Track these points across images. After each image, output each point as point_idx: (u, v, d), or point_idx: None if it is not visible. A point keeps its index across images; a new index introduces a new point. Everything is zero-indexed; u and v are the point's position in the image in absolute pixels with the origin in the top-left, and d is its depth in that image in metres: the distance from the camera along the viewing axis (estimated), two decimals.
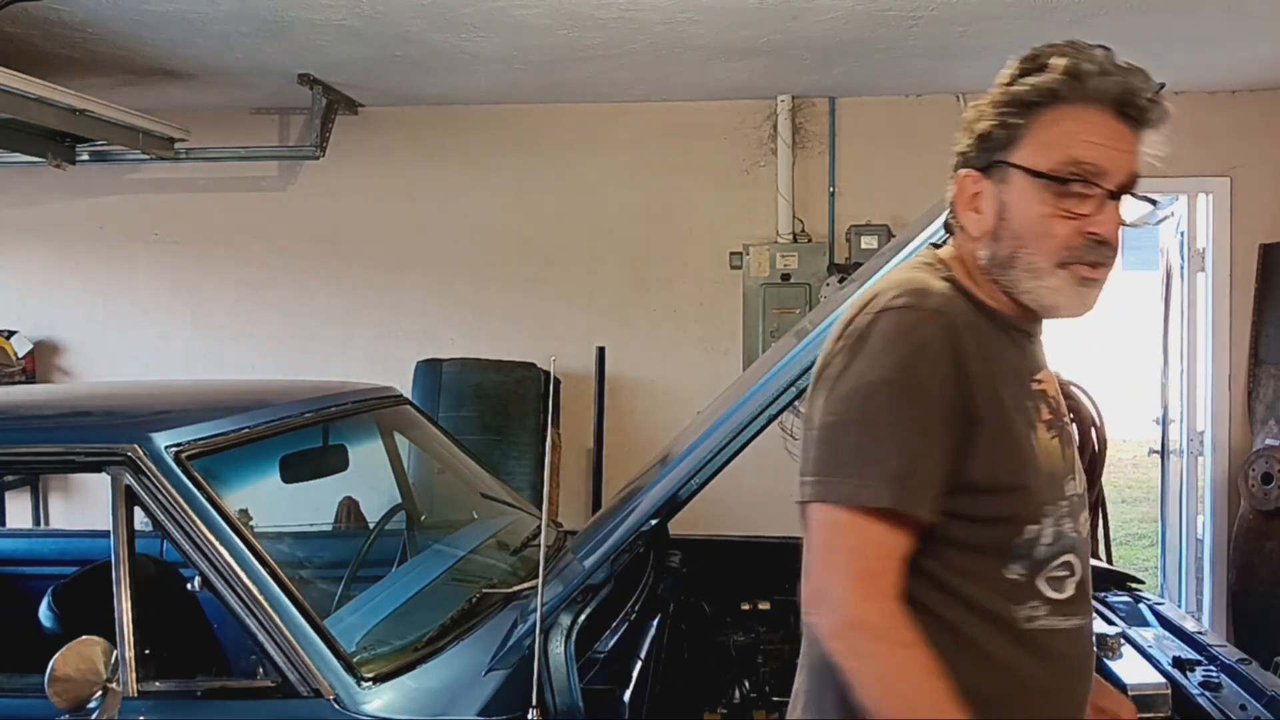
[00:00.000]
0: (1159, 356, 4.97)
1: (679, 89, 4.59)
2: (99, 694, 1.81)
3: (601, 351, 4.43)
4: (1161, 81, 1.93)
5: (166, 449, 2.00)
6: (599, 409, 4.36)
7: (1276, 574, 4.38)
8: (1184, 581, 4.83)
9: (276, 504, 2.59)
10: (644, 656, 2.18)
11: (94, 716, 1.82)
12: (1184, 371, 4.82)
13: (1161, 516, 5.02)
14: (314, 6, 3.38)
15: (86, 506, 4.96)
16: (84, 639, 1.83)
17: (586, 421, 4.54)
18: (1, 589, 3.09)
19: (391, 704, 1.85)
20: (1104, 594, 2.49)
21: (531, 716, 1.79)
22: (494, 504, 2.98)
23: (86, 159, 4.49)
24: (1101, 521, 4.06)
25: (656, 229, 4.86)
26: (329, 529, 3.29)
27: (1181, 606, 4.63)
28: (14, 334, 4.93)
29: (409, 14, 3.46)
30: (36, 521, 4.95)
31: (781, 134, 4.72)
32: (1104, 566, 2.96)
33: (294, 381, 3.04)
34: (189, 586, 1.93)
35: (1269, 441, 4.46)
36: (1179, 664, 2.01)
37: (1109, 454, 4.04)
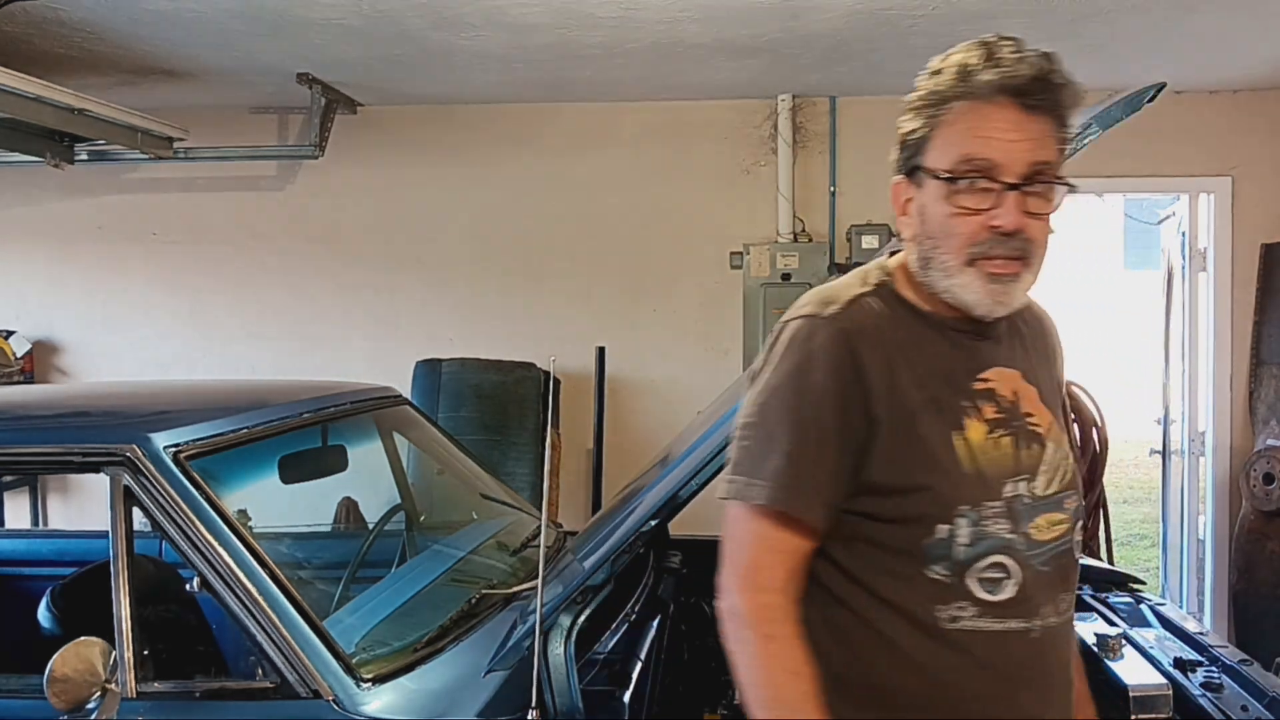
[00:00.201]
0: (1160, 356, 4.97)
1: (679, 89, 4.58)
2: (98, 695, 1.81)
3: (601, 351, 4.43)
4: (1162, 82, 1.93)
5: (165, 449, 1.99)
6: (599, 409, 4.36)
7: (1278, 574, 4.37)
8: (1185, 582, 4.83)
9: (276, 504, 2.59)
10: (644, 657, 2.18)
11: (93, 717, 1.82)
12: (1185, 371, 4.82)
13: (1163, 517, 5.02)
14: (313, 6, 3.38)
15: (85, 507, 4.96)
16: (82, 639, 1.83)
17: (586, 421, 4.53)
18: (1, 589, 3.09)
19: (391, 705, 1.84)
20: (1105, 594, 2.49)
21: (531, 717, 1.78)
22: (493, 504, 2.98)
23: (85, 158, 4.48)
24: (1103, 522, 4.05)
25: (656, 229, 4.86)
26: (328, 529, 3.28)
27: (1183, 607, 4.63)
28: (12, 334, 4.93)
29: (409, 13, 3.45)
30: (35, 522, 4.95)
31: (782, 134, 4.71)
32: (1105, 567, 2.96)
33: (293, 381, 3.03)
34: (188, 587, 1.92)
35: (1270, 442, 4.46)
36: (1180, 665, 2.00)
37: (1110, 454, 4.04)
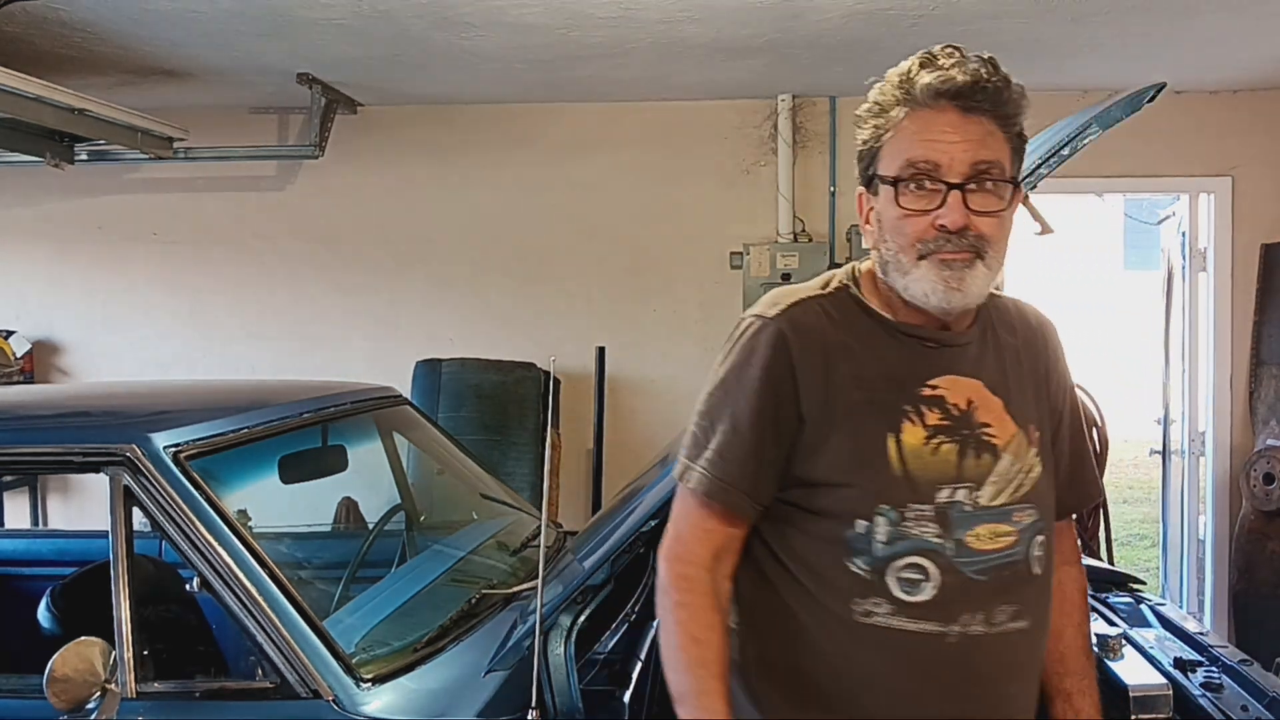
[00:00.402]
0: (1160, 356, 4.96)
1: (679, 89, 4.58)
2: (97, 695, 1.81)
3: (601, 351, 4.43)
4: (1162, 82, 1.93)
5: (165, 449, 2.00)
6: (599, 409, 4.36)
7: (1278, 574, 4.37)
8: (1185, 582, 4.83)
9: (275, 504, 2.59)
10: (644, 657, 2.17)
11: (93, 717, 1.82)
12: (1185, 371, 4.82)
13: (1163, 517, 5.02)
14: (314, 6, 3.38)
15: (85, 507, 4.96)
16: (82, 639, 1.83)
17: (586, 421, 4.54)
18: (1, 589, 3.09)
19: (391, 705, 1.84)
20: (1105, 594, 2.49)
21: (531, 717, 1.78)
22: (493, 504, 2.98)
23: (85, 159, 4.48)
24: (1103, 522, 4.06)
25: (656, 229, 4.86)
26: (328, 529, 3.28)
27: (1183, 607, 4.63)
28: (12, 334, 4.93)
29: (409, 13, 3.45)
30: (35, 521, 4.95)
31: (782, 134, 4.71)
32: (1105, 567, 2.96)
33: (293, 381, 3.03)
34: (188, 587, 1.93)
35: (1270, 442, 4.46)
36: (1180, 665, 2.00)
37: (1110, 454, 4.04)
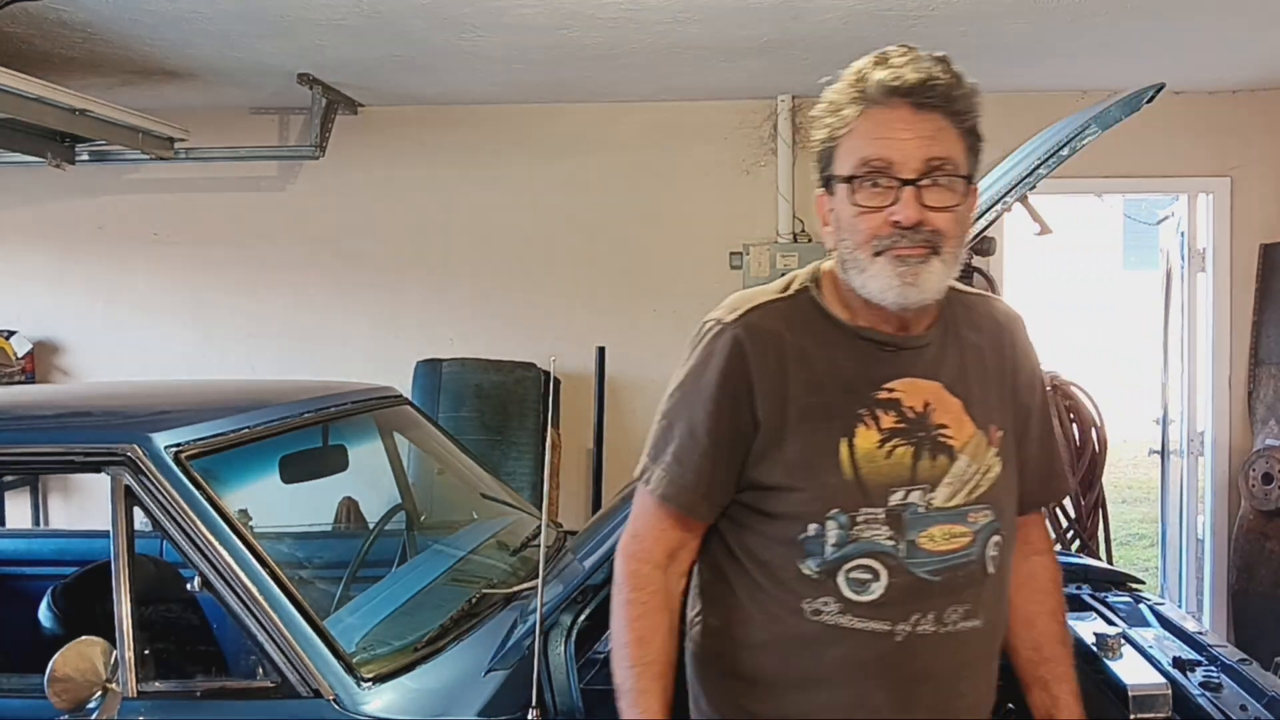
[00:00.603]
0: (1159, 356, 4.97)
1: (679, 89, 4.59)
2: (99, 694, 1.81)
3: (601, 351, 4.43)
4: (1161, 82, 1.93)
5: (166, 449, 2.00)
6: (599, 409, 4.36)
7: (1277, 574, 4.38)
8: (1184, 582, 4.83)
9: (276, 504, 2.59)
10: None
11: (94, 717, 1.82)
12: (1184, 371, 4.82)
13: (1162, 517, 5.02)
14: (314, 6, 3.38)
15: (86, 506, 4.96)
16: (84, 639, 1.83)
17: (586, 421, 4.54)
18: (1, 589, 3.09)
19: (391, 704, 1.85)
20: (1104, 594, 2.50)
21: (531, 717, 1.79)
22: (494, 504, 2.98)
23: (86, 159, 4.48)
24: (1102, 522, 4.07)
25: (656, 229, 4.86)
26: (329, 529, 3.29)
27: (1182, 607, 4.63)
28: (13, 334, 4.93)
29: (409, 14, 3.46)
30: (36, 521, 4.95)
31: (781, 134, 4.72)
32: (1104, 566, 2.96)
33: (294, 381, 3.04)
34: (188, 587, 1.93)
35: (1269, 441, 4.46)
36: (1179, 664, 2.00)
37: (1109, 454, 4.05)
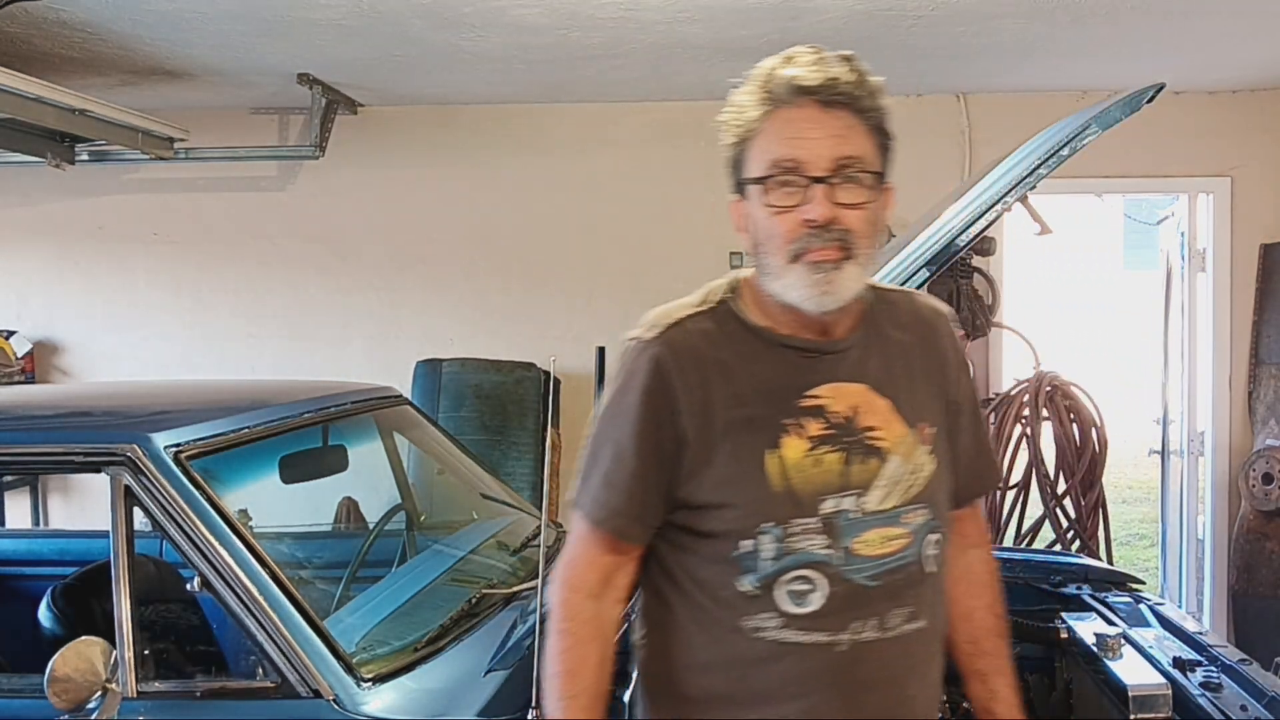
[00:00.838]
0: (1159, 356, 4.97)
1: (679, 89, 4.58)
2: (98, 694, 1.81)
3: (601, 351, 4.41)
4: (1161, 82, 1.94)
5: (166, 449, 2.00)
6: None
7: (1277, 574, 4.38)
8: (1184, 582, 4.83)
9: (276, 504, 2.59)
10: None
11: (93, 717, 1.82)
12: (1184, 371, 4.82)
13: (1162, 517, 5.02)
14: (314, 6, 3.38)
15: (86, 506, 4.96)
16: (83, 639, 1.83)
17: (586, 421, 4.53)
18: (1, 589, 3.09)
19: (391, 704, 1.85)
20: (1104, 594, 2.50)
21: (531, 717, 1.79)
22: (494, 504, 2.98)
23: (86, 159, 4.48)
24: (1102, 522, 4.07)
25: (656, 229, 4.86)
26: (329, 529, 3.29)
27: (1182, 607, 4.63)
28: (13, 334, 4.93)
29: (409, 14, 3.46)
30: (36, 521, 4.95)
31: None
32: (1104, 566, 2.97)
33: (294, 381, 3.04)
34: (188, 587, 1.93)
35: (1269, 442, 4.46)
36: (1179, 664, 2.01)
37: (1109, 454, 4.05)
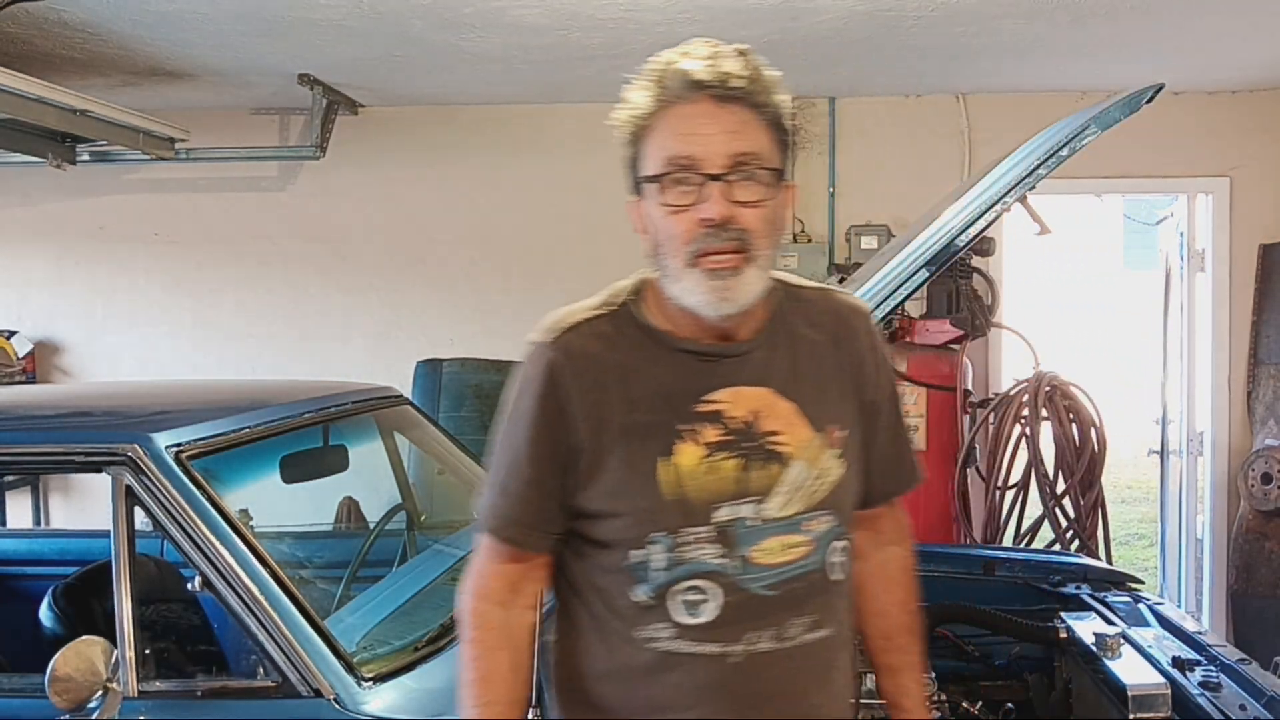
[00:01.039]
0: (1159, 356, 4.97)
1: None
2: (99, 694, 1.81)
3: None
4: (1160, 83, 1.94)
5: (167, 449, 2.00)
6: None
7: (1276, 574, 4.38)
8: (1184, 581, 4.83)
9: (277, 504, 2.59)
10: None
11: (94, 717, 1.82)
12: (1184, 371, 4.82)
13: (1161, 517, 5.02)
14: (314, 6, 3.38)
15: (86, 506, 4.96)
16: (84, 639, 1.83)
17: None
18: (1, 589, 3.09)
19: (392, 704, 1.85)
20: (1104, 594, 2.50)
21: (531, 717, 1.79)
22: None
23: (87, 159, 4.48)
24: (1101, 522, 4.06)
25: None
26: (329, 529, 3.29)
27: (1181, 606, 4.63)
28: (14, 334, 4.93)
29: (409, 14, 3.46)
30: (36, 521, 4.95)
31: None
32: (1104, 566, 2.97)
33: (294, 381, 3.04)
34: (189, 587, 1.93)
35: (1268, 441, 4.47)
36: (1178, 664, 2.01)
37: (1109, 454, 4.05)
